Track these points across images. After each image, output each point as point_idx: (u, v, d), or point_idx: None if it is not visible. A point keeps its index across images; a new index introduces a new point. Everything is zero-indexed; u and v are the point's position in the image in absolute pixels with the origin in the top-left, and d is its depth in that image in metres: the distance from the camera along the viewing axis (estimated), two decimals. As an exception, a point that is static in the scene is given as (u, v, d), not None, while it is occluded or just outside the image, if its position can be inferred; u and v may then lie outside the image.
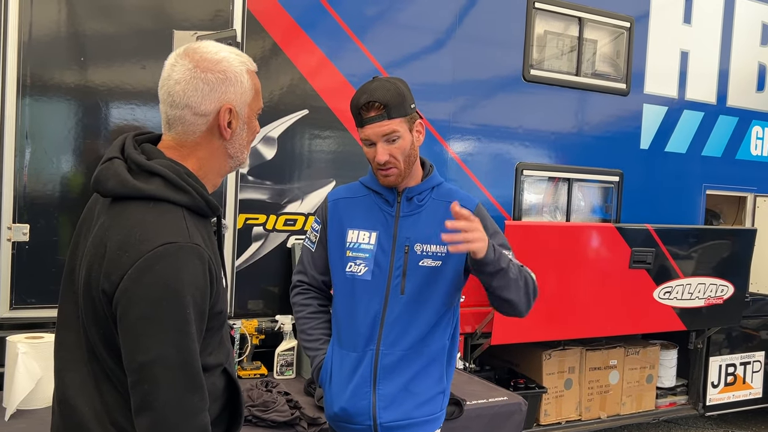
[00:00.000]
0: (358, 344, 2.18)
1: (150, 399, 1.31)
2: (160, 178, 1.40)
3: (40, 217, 3.03)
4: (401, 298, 2.16)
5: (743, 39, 5.24)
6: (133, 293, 1.31)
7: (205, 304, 1.38)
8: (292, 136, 3.62)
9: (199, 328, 1.37)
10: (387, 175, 2.15)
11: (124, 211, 1.38)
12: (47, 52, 3.03)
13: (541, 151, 4.46)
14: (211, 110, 1.45)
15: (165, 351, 1.31)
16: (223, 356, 1.52)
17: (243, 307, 3.50)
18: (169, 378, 1.31)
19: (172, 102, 1.44)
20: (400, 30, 3.92)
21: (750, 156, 5.39)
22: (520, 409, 3.21)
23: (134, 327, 1.31)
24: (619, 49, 4.72)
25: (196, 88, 1.43)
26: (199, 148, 1.48)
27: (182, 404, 1.33)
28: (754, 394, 5.48)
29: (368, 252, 2.18)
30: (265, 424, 2.65)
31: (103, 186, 1.41)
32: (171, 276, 1.31)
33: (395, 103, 2.09)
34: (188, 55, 1.45)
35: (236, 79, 1.47)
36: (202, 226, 1.45)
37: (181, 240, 1.34)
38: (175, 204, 1.39)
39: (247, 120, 1.53)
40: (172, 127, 1.47)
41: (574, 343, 4.66)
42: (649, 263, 4.52)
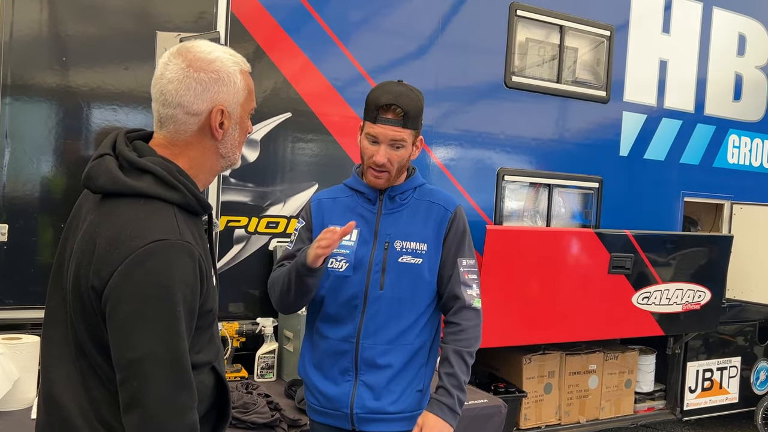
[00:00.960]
0: (339, 337, 2.21)
1: (139, 396, 1.31)
2: (152, 176, 1.40)
3: (19, 218, 3.02)
4: (380, 294, 2.19)
5: (720, 49, 5.33)
6: (122, 290, 1.31)
7: (195, 302, 1.38)
8: (275, 139, 3.62)
9: (188, 326, 1.37)
10: (378, 177, 2.18)
11: (114, 208, 1.38)
12: (28, 52, 3.01)
13: (522, 157, 4.50)
14: (203, 110, 1.45)
15: (154, 348, 1.31)
16: (212, 354, 1.52)
17: (224, 310, 3.49)
18: (158, 375, 1.31)
19: (165, 101, 1.44)
20: (383, 35, 3.95)
21: (727, 164, 5.48)
22: (500, 411, 3.23)
23: (124, 324, 1.31)
24: (599, 57, 4.78)
25: (188, 88, 1.43)
26: (191, 147, 1.47)
27: (171, 402, 1.33)
28: (730, 399, 5.55)
29: (349, 249, 2.22)
30: (245, 426, 2.65)
31: (94, 182, 1.41)
32: (161, 273, 1.32)
33: (414, 115, 2.14)
34: (182, 54, 1.45)
35: (229, 80, 1.47)
36: (192, 224, 1.45)
37: (172, 237, 1.35)
38: (166, 201, 1.39)
39: (240, 120, 1.52)
40: (164, 126, 1.47)
41: (553, 347, 4.70)
42: (628, 269, 4.58)
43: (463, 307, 2.24)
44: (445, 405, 2.15)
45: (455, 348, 2.20)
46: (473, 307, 2.25)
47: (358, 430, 2.22)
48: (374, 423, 2.21)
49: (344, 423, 2.23)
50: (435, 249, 2.24)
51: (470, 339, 2.23)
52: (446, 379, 2.18)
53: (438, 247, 2.25)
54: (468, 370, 2.22)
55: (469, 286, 2.26)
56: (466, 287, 2.25)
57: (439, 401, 2.16)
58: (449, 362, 2.19)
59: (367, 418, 2.20)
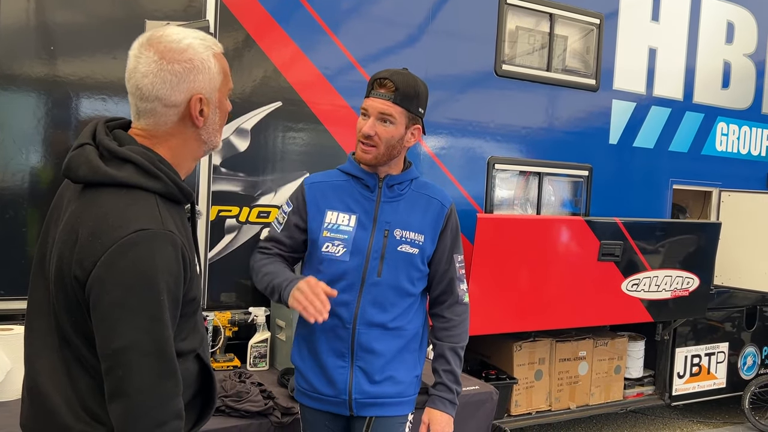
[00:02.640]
0: (334, 323, 2.22)
1: (124, 385, 1.31)
2: (133, 165, 1.39)
3: (9, 208, 3.00)
4: (378, 280, 2.21)
5: (709, 37, 5.36)
6: (106, 280, 1.31)
7: (178, 291, 1.38)
8: (266, 128, 3.61)
9: (173, 314, 1.37)
10: (365, 151, 2.19)
11: (96, 198, 1.38)
12: (16, 42, 2.99)
13: (512, 146, 4.52)
14: (181, 101, 1.44)
15: (139, 337, 1.31)
16: (196, 342, 1.53)
17: (216, 299, 3.50)
18: (143, 364, 1.32)
19: (141, 95, 1.43)
20: (374, 24, 3.94)
21: (715, 152, 5.52)
22: (492, 398, 3.26)
23: (108, 313, 1.31)
24: (589, 46, 4.79)
25: (164, 81, 1.42)
26: (172, 137, 1.47)
27: (156, 390, 1.34)
28: (718, 384, 5.62)
29: (347, 234, 2.22)
30: (238, 414, 2.66)
31: (75, 173, 1.41)
32: (144, 262, 1.32)
33: (407, 94, 2.16)
34: (152, 46, 1.43)
35: (203, 66, 1.45)
36: (175, 212, 1.44)
37: (155, 227, 1.34)
38: (148, 191, 1.39)
39: (219, 104, 1.52)
40: (143, 118, 1.46)
41: (544, 334, 4.73)
42: (618, 256, 4.61)
43: (456, 303, 2.34)
44: (446, 400, 2.30)
45: (450, 345, 2.31)
46: (464, 302, 2.36)
47: (356, 415, 2.24)
48: (372, 407, 2.24)
49: (342, 409, 2.25)
50: (430, 241, 2.28)
51: (462, 334, 2.34)
52: (444, 375, 2.30)
53: (433, 240, 2.28)
54: (461, 363, 2.33)
55: (461, 281, 2.36)
56: (459, 282, 2.35)
57: (441, 397, 2.30)
58: (446, 359, 2.30)
59: (366, 403, 2.23)
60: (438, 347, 2.33)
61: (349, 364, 2.22)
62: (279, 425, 2.68)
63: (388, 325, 2.23)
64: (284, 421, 2.68)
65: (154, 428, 1.33)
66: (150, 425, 1.33)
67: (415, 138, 2.25)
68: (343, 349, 2.22)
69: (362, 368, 2.22)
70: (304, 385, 2.30)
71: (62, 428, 1.40)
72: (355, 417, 2.26)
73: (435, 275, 2.32)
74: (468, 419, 3.16)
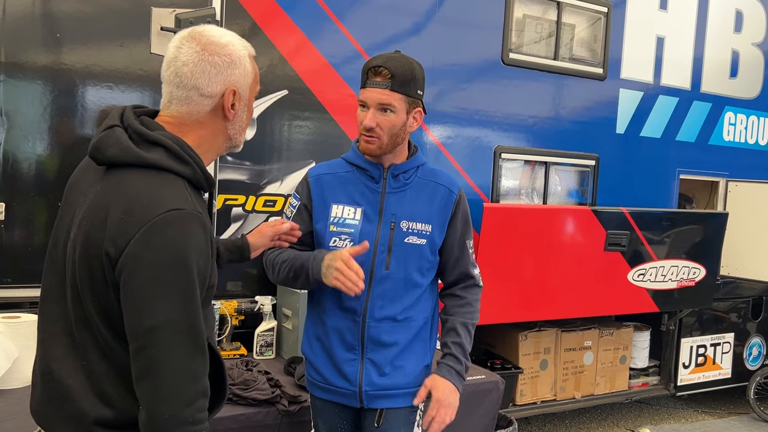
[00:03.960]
0: (344, 316, 2.21)
1: (156, 364, 1.33)
2: (163, 149, 1.42)
3: (16, 197, 3.00)
4: (386, 274, 2.18)
5: (717, 26, 5.32)
6: (140, 257, 1.32)
7: (207, 272, 1.41)
8: (272, 117, 3.60)
9: (201, 295, 1.40)
10: (369, 143, 2.15)
11: (125, 178, 1.40)
12: (22, 30, 2.98)
13: (519, 135, 4.50)
14: (217, 92, 1.50)
15: (172, 315, 1.33)
16: (209, 330, 1.53)
17: (222, 288, 3.50)
18: (176, 342, 1.33)
19: (180, 83, 1.48)
20: (380, 12, 3.91)
21: (722, 141, 5.49)
22: (498, 387, 3.26)
23: (141, 291, 1.32)
24: (596, 34, 4.76)
25: (203, 71, 1.48)
26: (201, 126, 1.51)
27: (187, 368, 1.35)
28: (723, 374, 5.62)
29: (353, 227, 2.19)
30: (245, 402, 2.67)
31: (103, 153, 1.42)
32: (179, 241, 1.34)
33: (403, 78, 2.10)
34: (194, 38, 1.49)
35: (240, 63, 1.52)
36: (199, 198, 1.48)
37: (188, 207, 1.37)
38: (178, 175, 1.42)
39: (248, 102, 1.58)
40: (174, 106, 1.50)
41: (549, 324, 4.73)
42: (624, 246, 4.60)
43: (474, 285, 2.33)
44: (453, 369, 2.22)
45: (462, 320, 2.27)
46: (479, 285, 2.36)
47: (367, 407, 2.23)
48: (383, 399, 2.22)
49: (353, 401, 2.23)
50: (439, 230, 2.24)
51: (474, 313, 2.31)
52: (453, 347, 2.24)
53: (442, 228, 2.24)
54: (471, 341, 2.29)
55: (475, 266, 2.34)
56: (473, 267, 2.33)
57: (448, 365, 2.22)
58: (456, 332, 2.26)
59: (376, 395, 2.21)
60: (449, 322, 2.28)
61: (359, 357, 2.20)
62: (286, 413, 2.69)
63: (397, 317, 2.20)
64: (291, 410, 2.69)
65: (184, 408, 1.34)
66: (180, 404, 1.34)
67: (417, 122, 2.20)
68: (353, 342, 2.20)
69: (372, 360, 2.20)
70: (316, 377, 2.29)
71: (77, 413, 1.41)
72: (366, 409, 2.24)
73: (448, 262, 2.28)
74: (474, 408, 3.17)
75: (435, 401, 2.17)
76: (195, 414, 1.36)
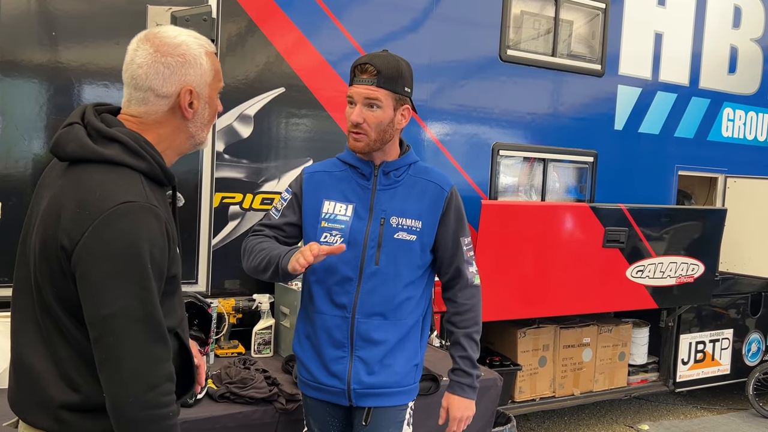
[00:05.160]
0: (333, 312, 2.22)
1: (115, 351, 1.38)
2: (120, 144, 1.47)
3: (12, 195, 2.99)
4: (376, 269, 2.19)
5: (716, 22, 5.30)
6: (94, 249, 1.38)
7: (163, 262, 1.46)
8: (269, 115, 3.60)
9: (158, 285, 1.44)
10: (356, 140, 2.17)
11: (82, 173, 1.45)
12: (18, 28, 2.97)
13: (517, 132, 4.49)
14: (172, 92, 1.53)
15: (128, 304, 1.38)
16: (175, 321, 1.59)
17: (220, 287, 3.50)
18: (133, 329, 1.39)
19: (136, 85, 1.53)
20: (377, 9, 3.90)
21: (721, 137, 5.48)
22: (496, 384, 3.26)
23: (96, 282, 1.38)
24: (594, 31, 4.75)
25: (157, 72, 1.52)
26: (161, 125, 1.56)
27: (147, 354, 1.41)
28: (722, 370, 5.62)
29: (344, 223, 2.21)
30: (243, 401, 2.66)
31: (63, 149, 1.48)
32: (131, 232, 1.39)
33: (389, 75, 2.12)
34: (149, 40, 1.53)
35: (195, 62, 1.55)
36: (159, 193, 1.52)
37: (140, 200, 1.42)
38: (134, 169, 1.46)
39: (209, 100, 1.60)
40: (133, 106, 1.55)
41: (548, 321, 4.73)
42: (622, 242, 4.60)
43: (466, 286, 2.32)
44: (465, 385, 2.30)
45: (465, 332, 2.31)
46: (475, 285, 2.34)
47: (356, 405, 2.24)
48: (372, 398, 2.23)
49: (341, 399, 2.24)
50: (429, 227, 2.25)
51: (476, 317, 2.33)
52: (461, 362, 2.30)
53: (432, 226, 2.25)
54: (478, 347, 2.35)
55: (470, 263, 2.33)
56: (468, 265, 2.32)
57: (460, 382, 2.30)
58: (462, 346, 2.30)
59: (365, 393, 2.22)
60: (453, 335, 2.33)
61: (348, 354, 2.21)
62: (283, 411, 2.68)
63: (387, 314, 2.21)
64: (288, 408, 2.69)
65: (147, 391, 1.39)
66: (143, 388, 1.39)
67: (405, 119, 2.21)
68: (342, 339, 2.21)
69: (362, 358, 2.21)
70: (305, 375, 2.30)
71: (46, 399, 1.46)
72: (355, 407, 2.25)
73: (443, 260, 2.29)
74: (472, 406, 3.16)
75: (453, 420, 2.30)
76: (160, 397, 1.41)
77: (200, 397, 2.65)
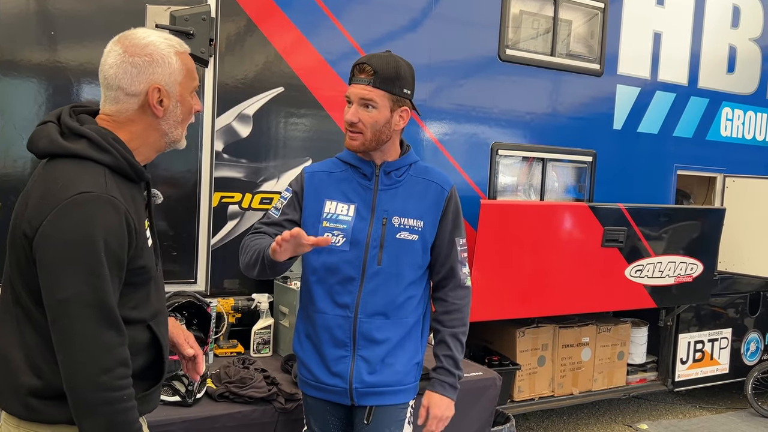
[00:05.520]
0: (335, 312, 2.21)
1: (67, 334, 1.45)
2: (86, 140, 1.55)
3: (11, 194, 2.99)
4: (378, 269, 2.19)
5: (715, 21, 5.31)
6: (50, 236, 1.46)
7: (122, 253, 1.52)
8: (268, 114, 3.59)
9: (116, 274, 1.51)
10: (352, 138, 2.18)
11: (51, 167, 1.55)
12: (16, 27, 2.96)
13: (516, 131, 4.49)
14: (140, 90, 1.61)
15: (81, 289, 1.45)
16: (147, 313, 1.64)
17: (219, 286, 3.50)
18: (85, 314, 1.45)
19: (108, 84, 1.62)
20: (377, 8, 3.90)
21: (720, 137, 5.48)
22: (495, 383, 3.27)
23: (52, 267, 1.46)
24: (593, 30, 4.75)
25: (125, 71, 1.60)
26: (133, 123, 1.63)
27: (99, 338, 1.47)
28: (721, 370, 5.62)
29: (346, 223, 2.21)
30: (242, 401, 2.67)
31: (36, 145, 1.58)
32: (86, 221, 1.47)
33: (387, 76, 2.12)
34: (120, 42, 1.62)
35: (163, 61, 1.62)
36: (126, 188, 1.59)
37: (98, 191, 1.49)
38: (98, 163, 1.54)
39: (180, 98, 1.66)
40: (108, 104, 1.64)
41: (547, 320, 4.73)
42: (621, 242, 4.60)
43: (457, 286, 2.32)
44: (446, 383, 2.28)
45: (451, 331, 2.30)
46: (466, 286, 2.34)
47: (357, 404, 2.24)
48: (373, 397, 2.23)
49: (343, 398, 2.24)
50: (430, 227, 2.25)
51: (464, 318, 2.32)
52: (445, 360, 2.28)
53: (434, 225, 2.26)
54: (463, 348, 2.32)
55: (463, 264, 2.33)
56: (461, 266, 2.32)
57: (441, 380, 2.28)
58: (447, 345, 2.29)
59: (367, 392, 2.22)
60: (439, 333, 2.31)
61: (350, 354, 2.21)
62: (282, 411, 2.69)
63: (389, 313, 2.21)
64: (288, 407, 2.69)
65: (100, 374, 1.46)
66: (95, 371, 1.46)
67: (404, 120, 2.20)
68: (344, 339, 2.21)
69: (364, 357, 2.21)
70: (306, 375, 2.30)
71: (17, 385, 1.53)
72: (356, 406, 2.25)
73: (437, 259, 2.30)
74: (471, 405, 3.17)
75: (432, 418, 2.27)
76: (113, 381, 1.47)
77: (199, 396, 2.65)
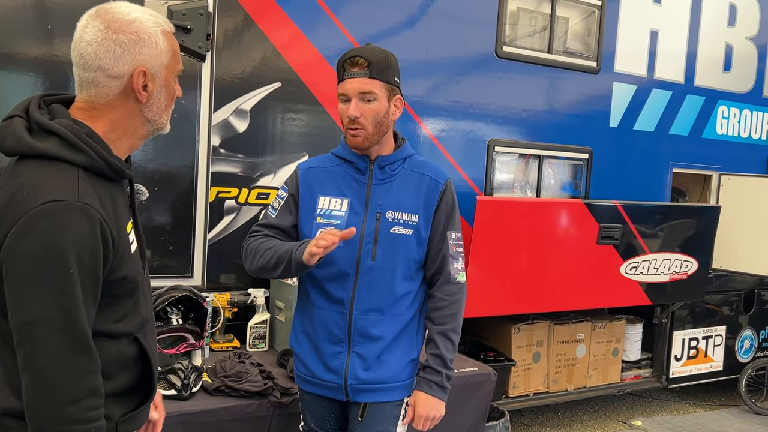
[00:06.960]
0: (331, 308, 2.21)
1: (32, 360, 1.29)
2: (57, 137, 1.36)
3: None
4: (373, 264, 2.19)
5: (711, 19, 5.32)
6: (15, 251, 1.28)
7: (96, 267, 1.34)
8: (265, 110, 3.60)
9: (90, 291, 1.34)
10: (355, 135, 2.15)
11: (18, 169, 1.36)
12: (12, 21, 2.96)
13: (512, 128, 4.50)
14: (124, 72, 1.41)
15: (47, 311, 1.28)
16: (133, 325, 1.49)
17: (215, 281, 3.50)
18: (52, 339, 1.28)
19: (85, 64, 1.41)
20: (374, 5, 3.90)
21: (716, 135, 5.50)
22: (490, 379, 3.28)
23: (17, 286, 1.29)
24: (590, 27, 4.76)
25: (108, 50, 1.40)
26: (113, 110, 1.44)
27: (67, 366, 1.30)
28: (715, 367, 5.65)
29: (340, 219, 2.20)
30: (238, 395, 2.68)
31: (1, 144, 1.39)
32: (53, 234, 1.28)
33: (380, 65, 2.11)
34: (100, 16, 1.42)
35: (150, 41, 1.43)
36: (104, 188, 1.40)
37: (69, 198, 1.31)
38: (71, 164, 1.35)
39: (165, 83, 1.48)
40: (84, 89, 1.43)
41: (542, 317, 4.75)
42: (617, 239, 4.62)
43: (447, 282, 2.26)
44: (433, 382, 2.22)
45: (439, 329, 2.24)
46: (457, 281, 2.27)
47: (353, 401, 2.24)
48: (368, 393, 2.23)
49: (338, 394, 2.24)
50: (425, 221, 2.23)
51: (454, 315, 2.25)
52: (432, 360, 2.23)
53: (428, 219, 2.24)
54: (454, 347, 2.26)
55: (456, 259, 2.28)
56: (453, 260, 2.27)
57: (428, 379, 2.23)
58: (435, 344, 2.23)
59: (362, 388, 2.22)
60: (429, 331, 2.27)
61: (346, 350, 2.21)
62: (278, 405, 2.70)
63: (384, 309, 2.20)
64: (283, 401, 2.70)
65: (66, 405, 1.30)
66: (62, 402, 1.30)
67: (399, 110, 2.20)
68: (340, 335, 2.21)
69: (359, 354, 2.20)
70: (303, 370, 2.30)
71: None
72: (351, 402, 2.25)
73: (429, 253, 2.26)
74: (466, 400, 3.18)
75: (418, 417, 2.22)
76: (81, 413, 1.31)
77: (195, 390, 2.66)
